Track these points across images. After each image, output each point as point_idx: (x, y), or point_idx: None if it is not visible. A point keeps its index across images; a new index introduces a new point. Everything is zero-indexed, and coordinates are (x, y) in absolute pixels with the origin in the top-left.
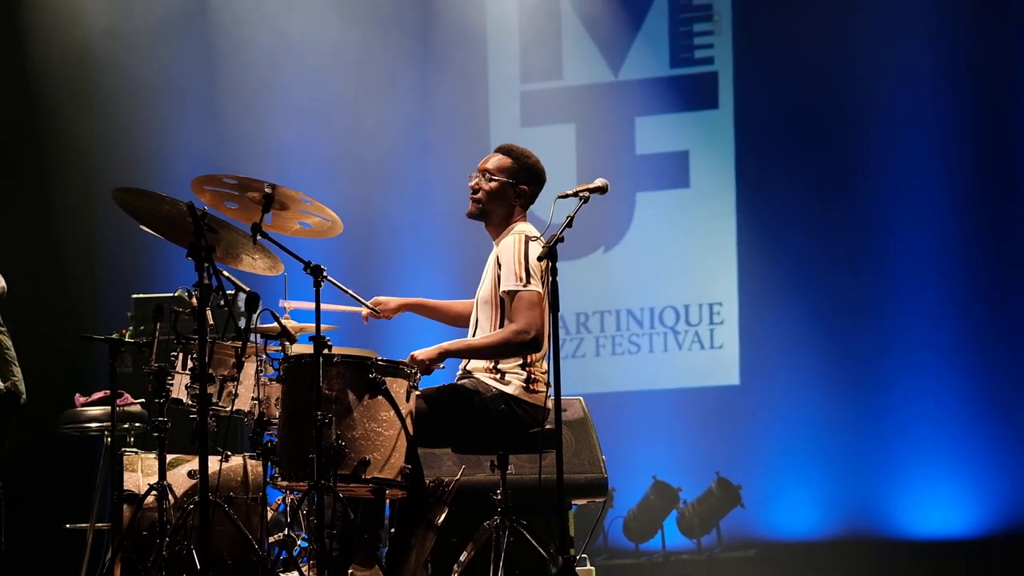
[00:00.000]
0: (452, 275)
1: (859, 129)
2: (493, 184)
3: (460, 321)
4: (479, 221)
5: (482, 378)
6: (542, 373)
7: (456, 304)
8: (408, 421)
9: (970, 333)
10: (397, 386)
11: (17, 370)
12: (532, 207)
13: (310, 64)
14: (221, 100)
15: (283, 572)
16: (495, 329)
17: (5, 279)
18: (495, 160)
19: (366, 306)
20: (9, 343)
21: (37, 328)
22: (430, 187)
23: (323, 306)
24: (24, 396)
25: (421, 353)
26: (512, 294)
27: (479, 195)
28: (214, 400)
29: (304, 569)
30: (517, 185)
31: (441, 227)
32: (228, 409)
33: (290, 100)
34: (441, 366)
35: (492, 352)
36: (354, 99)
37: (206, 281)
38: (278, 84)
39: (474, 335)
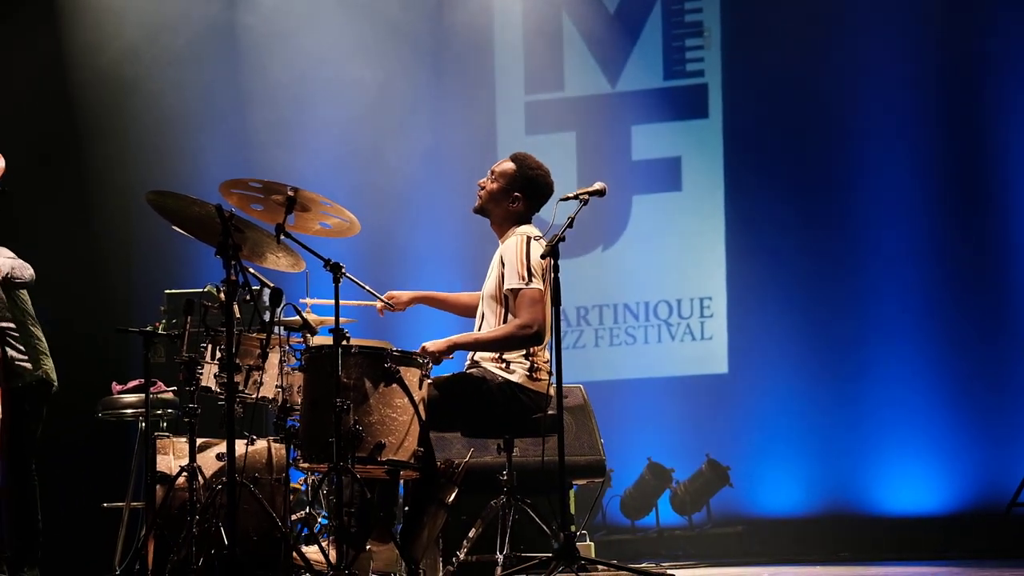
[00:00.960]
0: (460, 270)
1: (838, 136)
2: (494, 186)
3: (468, 312)
4: (481, 216)
5: (489, 367)
6: (544, 362)
7: (463, 296)
8: (421, 407)
9: (940, 325)
10: (410, 375)
11: (48, 360)
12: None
13: (329, 74)
14: (247, 113)
15: (305, 547)
16: (500, 323)
17: (48, 277)
18: (503, 164)
19: (381, 300)
20: (40, 335)
21: (77, 322)
22: (442, 189)
23: (341, 302)
24: (55, 384)
25: (432, 345)
26: (516, 291)
27: (481, 192)
28: (241, 388)
29: (324, 544)
30: (511, 191)
31: (450, 226)
32: (254, 396)
33: (311, 109)
34: (450, 356)
35: (498, 345)
36: (370, 108)
37: (233, 277)
38: (300, 95)
39: (480, 328)
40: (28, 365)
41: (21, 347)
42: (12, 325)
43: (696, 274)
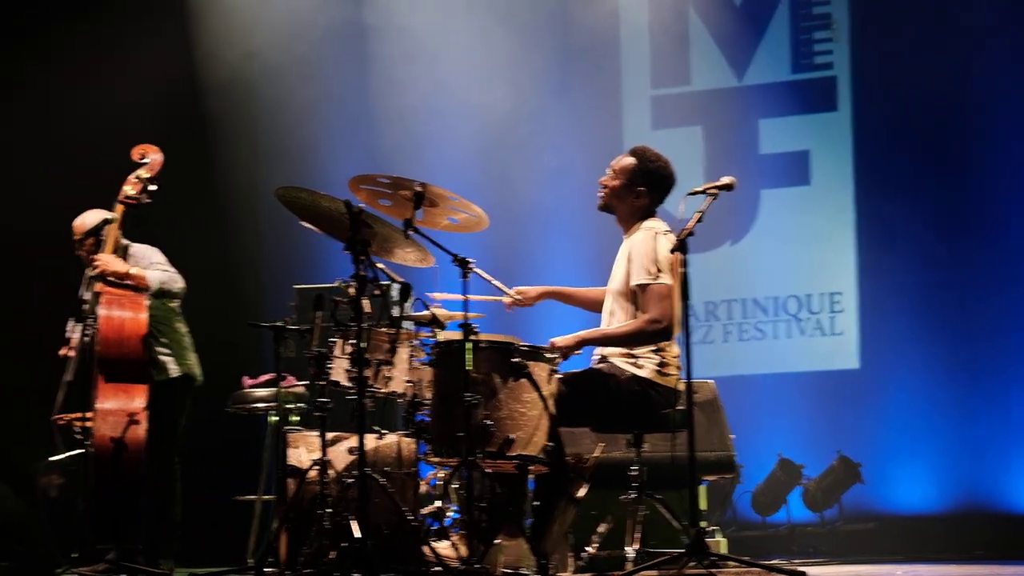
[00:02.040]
0: (587, 265)
1: (973, 129)
2: (615, 183)
3: (596, 307)
4: (607, 213)
5: (617, 362)
6: (673, 357)
7: (592, 291)
8: (549, 402)
9: None
10: (539, 369)
11: (192, 355)
12: (663, 204)
13: (454, 70)
14: (375, 110)
15: (435, 541)
16: (628, 318)
17: (183, 274)
18: (622, 160)
19: (509, 295)
20: (185, 330)
21: (208, 317)
22: (567, 184)
23: (470, 297)
24: (200, 378)
25: (560, 340)
26: (644, 287)
27: (604, 191)
28: (370, 382)
29: (454, 539)
30: (634, 186)
31: (576, 220)
32: (383, 391)
33: (438, 104)
34: (578, 352)
35: (626, 341)
36: (496, 102)
37: (362, 273)
38: (427, 90)
39: (607, 324)
40: (172, 360)
41: (166, 342)
42: (158, 321)
43: (826, 269)
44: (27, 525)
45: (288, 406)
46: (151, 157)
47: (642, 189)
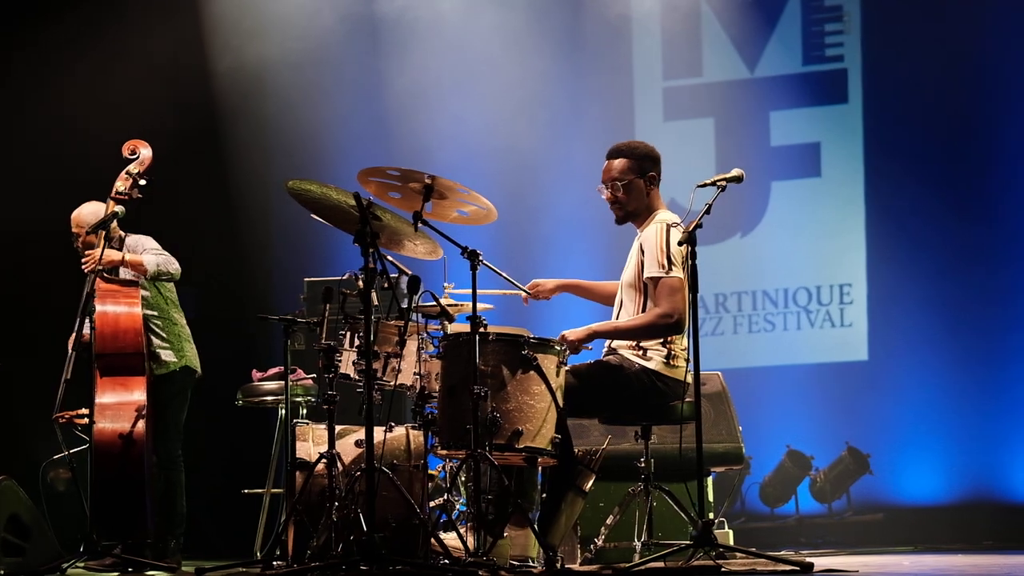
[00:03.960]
0: (599, 258)
1: (982, 121)
2: (621, 193)
3: (612, 300)
4: (629, 223)
5: (626, 354)
6: (682, 349)
7: (608, 285)
8: (558, 394)
9: None
10: (548, 362)
11: (191, 347)
12: (673, 195)
13: (466, 62)
14: (385, 103)
15: (443, 534)
16: (639, 311)
17: (190, 266)
18: (616, 166)
19: (523, 290)
20: (183, 322)
21: (218, 309)
22: (579, 176)
23: (484, 291)
24: (199, 372)
25: (571, 333)
26: (656, 280)
27: (617, 203)
28: (379, 375)
29: (462, 531)
30: (645, 174)
31: (588, 213)
32: (392, 383)
33: (449, 97)
34: (589, 347)
35: (637, 334)
36: (507, 93)
37: (371, 265)
38: (438, 82)
39: (618, 316)
40: (170, 353)
41: (164, 335)
42: (155, 313)
43: (836, 261)
44: (34, 521)
45: (297, 399)
46: (141, 152)
47: (652, 175)
